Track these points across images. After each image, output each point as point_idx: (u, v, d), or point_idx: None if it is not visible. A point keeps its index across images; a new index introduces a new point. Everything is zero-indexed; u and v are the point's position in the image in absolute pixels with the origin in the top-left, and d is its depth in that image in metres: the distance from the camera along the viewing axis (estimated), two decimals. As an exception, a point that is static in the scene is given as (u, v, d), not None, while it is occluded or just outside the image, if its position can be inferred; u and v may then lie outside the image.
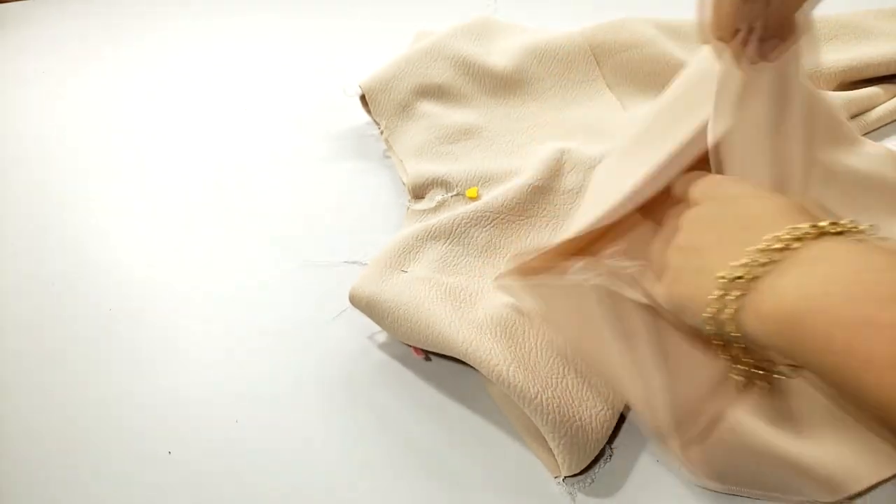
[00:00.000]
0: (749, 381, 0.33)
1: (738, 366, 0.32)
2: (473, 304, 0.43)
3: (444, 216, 0.49)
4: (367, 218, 0.55)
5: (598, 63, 0.62)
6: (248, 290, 0.51)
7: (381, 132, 0.59)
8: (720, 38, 0.39)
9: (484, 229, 0.48)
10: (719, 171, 0.37)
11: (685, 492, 0.36)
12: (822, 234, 0.27)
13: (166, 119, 0.70)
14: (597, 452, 0.37)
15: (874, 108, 0.56)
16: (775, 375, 0.33)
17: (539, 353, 0.39)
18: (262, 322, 0.48)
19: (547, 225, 0.49)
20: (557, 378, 0.38)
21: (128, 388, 0.45)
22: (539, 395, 0.37)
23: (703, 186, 0.34)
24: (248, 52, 0.79)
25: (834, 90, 0.57)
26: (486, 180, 0.52)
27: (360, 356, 0.45)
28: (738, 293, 0.28)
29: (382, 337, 0.46)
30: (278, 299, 0.50)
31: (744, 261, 0.28)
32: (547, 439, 0.37)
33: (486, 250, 0.47)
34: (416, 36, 0.68)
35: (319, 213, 0.56)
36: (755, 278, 0.27)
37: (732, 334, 0.29)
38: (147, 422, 0.43)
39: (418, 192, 0.53)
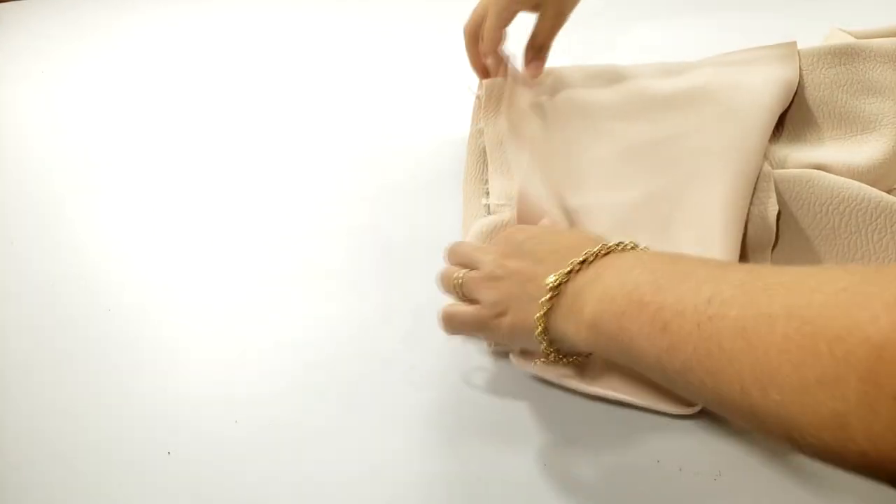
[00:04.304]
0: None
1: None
2: None
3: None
4: (362, 218, 0.55)
5: None
6: (247, 290, 0.51)
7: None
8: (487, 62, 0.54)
9: None
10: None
11: (690, 496, 0.36)
12: (609, 251, 0.35)
13: (167, 118, 0.70)
14: None
15: None
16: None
17: None
18: (261, 322, 0.48)
19: None
20: None
21: (128, 388, 0.45)
22: None
23: (507, 232, 0.42)
24: (252, 51, 0.78)
25: None
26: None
27: (360, 356, 0.45)
28: (551, 304, 0.35)
29: (383, 338, 0.46)
30: (277, 299, 0.50)
31: (552, 278, 0.35)
32: None
33: None
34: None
35: (317, 212, 0.56)
36: (561, 286, 0.35)
37: (556, 341, 0.36)
38: (147, 422, 0.43)
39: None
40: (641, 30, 0.72)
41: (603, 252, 0.35)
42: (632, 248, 0.35)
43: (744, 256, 0.43)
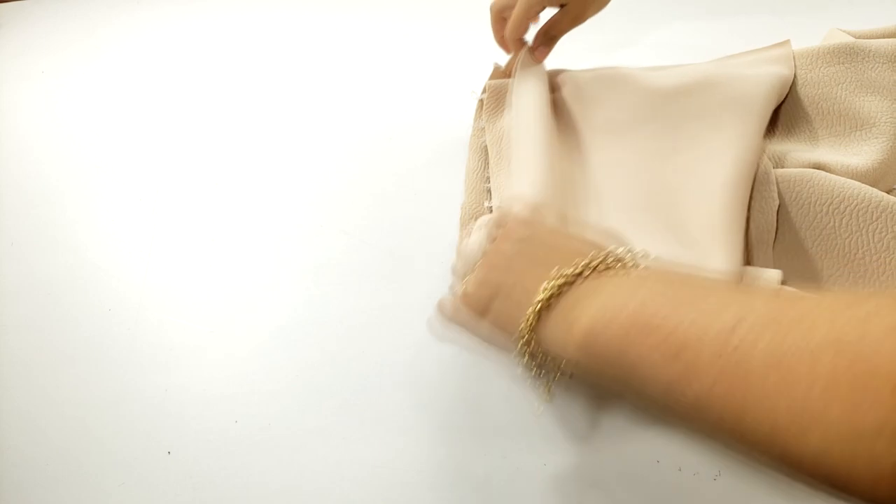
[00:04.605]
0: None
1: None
2: None
3: None
4: (362, 218, 0.55)
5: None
6: (248, 290, 0.51)
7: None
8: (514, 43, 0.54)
9: None
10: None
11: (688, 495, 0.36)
12: (609, 267, 0.31)
13: (167, 118, 0.70)
14: None
15: None
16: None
17: None
18: (261, 321, 0.48)
19: None
20: None
21: (127, 388, 0.45)
22: None
23: (510, 224, 0.38)
24: (253, 51, 0.78)
25: None
26: None
27: (360, 355, 0.45)
28: (539, 316, 0.32)
29: (382, 337, 0.46)
30: (277, 299, 0.50)
31: (544, 287, 0.31)
32: None
33: None
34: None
35: (317, 212, 0.56)
36: (555, 297, 0.31)
37: (542, 353, 0.33)
38: (147, 421, 0.43)
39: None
40: (640, 35, 0.72)
41: (602, 266, 0.31)
42: (633, 264, 0.32)
43: (749, 252, 0.44)
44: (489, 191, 0.52)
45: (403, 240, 0.52)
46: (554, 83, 0.57)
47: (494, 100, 0.57)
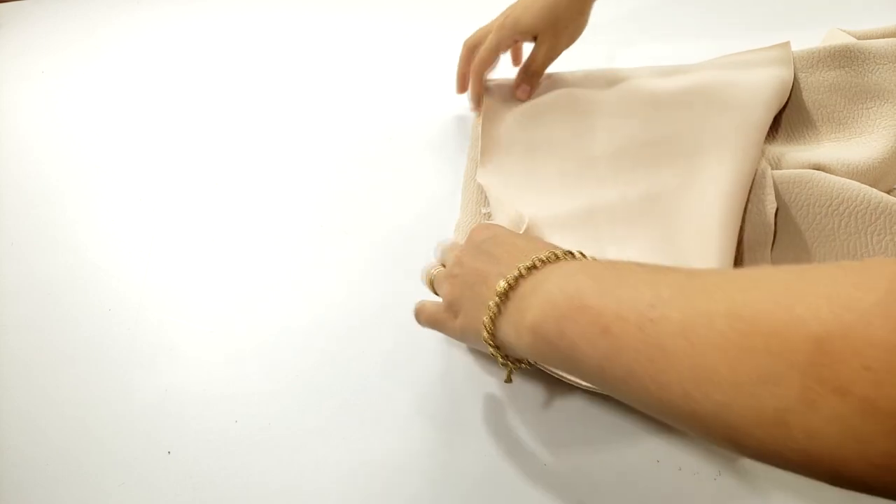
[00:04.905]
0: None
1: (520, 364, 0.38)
2: None
3: None
4: (361, 218, 0.55)
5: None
6: (248, 290, 0.51)
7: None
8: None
9: None
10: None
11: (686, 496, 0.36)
12: (557, 259, 0.34)
13: (166, 118, 0.70)
14: None
15: None
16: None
17: None
18: (261, 321, 0.48)
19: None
20: None
21: (127, 388, 0.45)
22: None
23: (472, 230, 0.41)
24: (252, 51, 0.78)
25: None
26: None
27: (360, 355, 0.45)
28: (498, 308, 0.34)
29: (382, 337, 0.46)
30: (277, 299, 0.50)
31: (501, 283, 0.34)
32: None
33: None
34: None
35: (316, 212, 0.56)
36: (511, 290, 0.34)
37: (502, 347, 0.35)
38: (147, 421, 0.43)
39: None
40: (638, 36, 0.72)
41: (552, 259, 0.34)
42: (580, 257, 0.35)
43: (742, 255, 0.44)
44: (486, 200, 0.52)
45: (403, 240, 0.52)
46: (543, 87, 0.57)
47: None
